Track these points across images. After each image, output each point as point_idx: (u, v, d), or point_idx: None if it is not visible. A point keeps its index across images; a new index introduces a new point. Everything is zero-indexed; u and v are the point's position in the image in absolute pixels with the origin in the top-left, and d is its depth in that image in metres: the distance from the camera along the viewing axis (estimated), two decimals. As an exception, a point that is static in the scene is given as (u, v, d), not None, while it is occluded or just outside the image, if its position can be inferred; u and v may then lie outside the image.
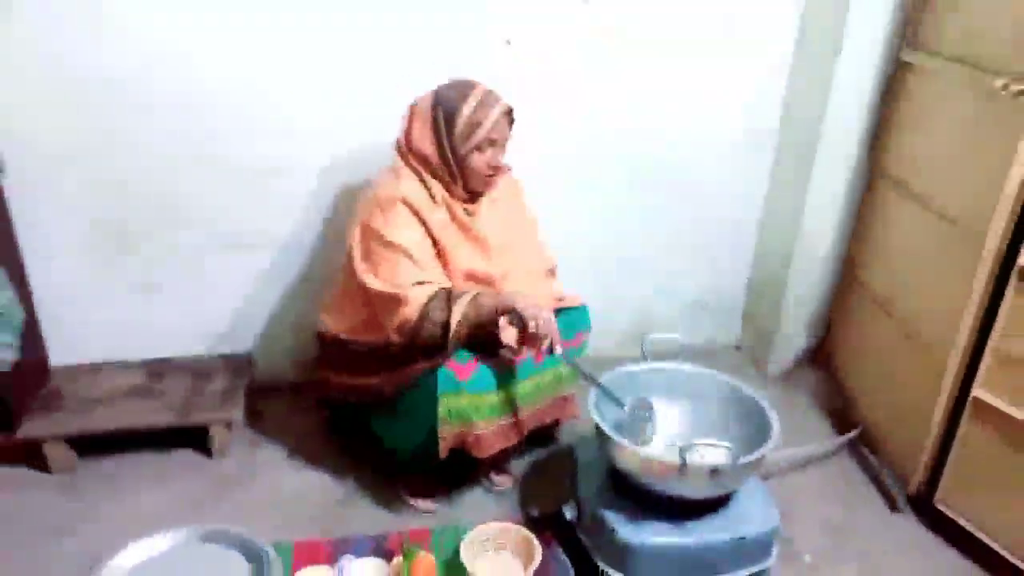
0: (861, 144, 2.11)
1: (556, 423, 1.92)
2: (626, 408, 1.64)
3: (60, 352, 2.10)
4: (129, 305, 2.10)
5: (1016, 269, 1.52)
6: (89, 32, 1.81)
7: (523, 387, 1.71)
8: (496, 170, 1.71)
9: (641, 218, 2.31)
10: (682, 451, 1.44)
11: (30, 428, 1.88)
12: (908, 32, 1.96)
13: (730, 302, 2.50)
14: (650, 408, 1.67)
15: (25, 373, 1.94)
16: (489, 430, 1.68)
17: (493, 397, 1.66)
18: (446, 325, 1.58)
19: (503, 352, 1.68)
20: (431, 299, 1.60)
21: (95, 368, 2.10)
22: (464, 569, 1.57)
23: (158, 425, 1.93)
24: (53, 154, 1.91)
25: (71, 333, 2.09)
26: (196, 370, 2.11)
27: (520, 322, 1.60)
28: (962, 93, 1.73)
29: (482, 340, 1.67)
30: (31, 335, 1.98)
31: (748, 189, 2.34)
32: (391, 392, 1.71)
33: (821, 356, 2.39)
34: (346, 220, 1.83)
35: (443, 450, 1.66)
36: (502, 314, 1.61)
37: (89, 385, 2.04)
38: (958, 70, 1.74)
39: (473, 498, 1.87)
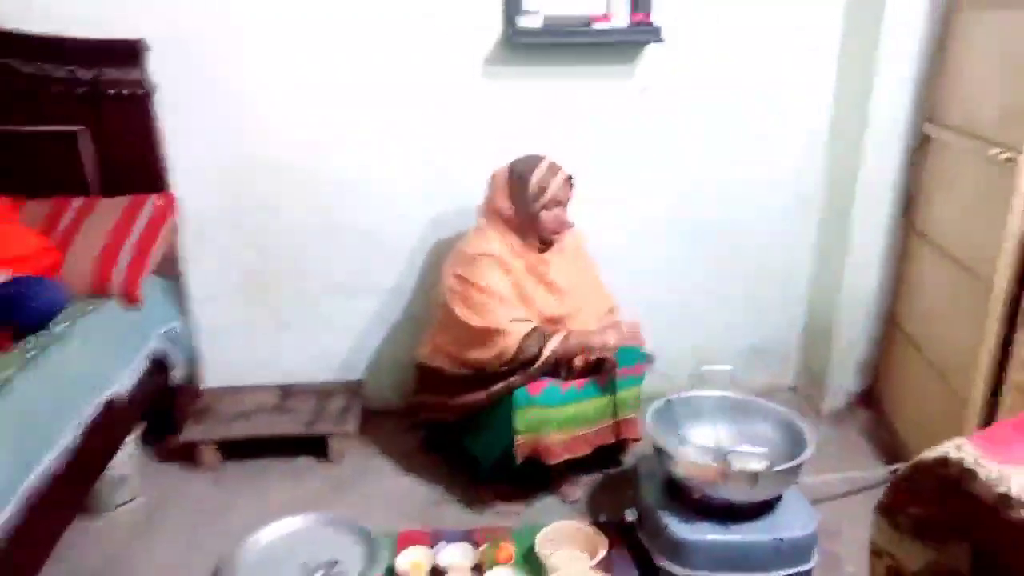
0: (894, 206, 2.37)
1: (621, 444, 2.21)
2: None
3: (212, 376, 2.55)
4: (267, 339, 2.54)
5: (1022, 309, 1.75)
6: (246, 127, 2.31)
7: (587, 407, 2.02)
8: (562, 224, 2.08)
9: (700, 271, 2.60)
10: (726, 456, 1.71)
11: (188, 434, 2.32)
12: (926, 108, 2.24)
13: (784, 348, 2.74)
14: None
15: (186, 390, 2.40)
16: (557, 441, 1.99)
17: (560, 412, 1.98)
18: (537, 357, 1.95)
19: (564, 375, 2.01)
20: (528, 335, 1.96)
21: (238, 390, 2.53)
22: (539, 559, 1.86)
23: (288, 434, 2.33)
24: (216, 218, 2.39)
25: (221, 361, 2.54)
26: (319, 392, 2.51)
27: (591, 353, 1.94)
28: (970, 160, 1.99)
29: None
30: (192, 360, 2.43)
31: (797, 246, 2.60)
32: (477, 408, 2.05)
33: (871, 398, 2.59)
34: (439, 269, 2.21)
35: (519, 456, 1.97)
36: (582, 353, 1.96)
37: (233, 402, 2.47)
38: (966, 141, 2.01)
39: (548, 506, 2.16)
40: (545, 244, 2.12)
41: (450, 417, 2.16)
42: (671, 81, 2.37)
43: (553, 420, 1.97)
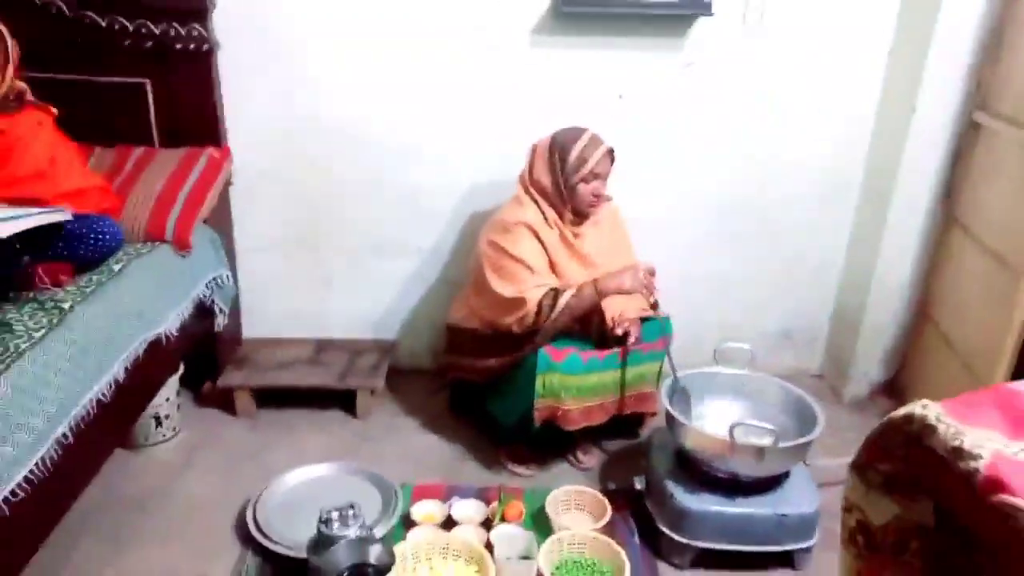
0: (934, 194, 2.33)
1: (639, 417, 2.25)
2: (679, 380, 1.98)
3: (251, 326, 2.68)
4: (307, 293, 2.66)
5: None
6: (301, 88, 2.41)
7: (607, 377, 2.07)
8: (598, 198, 2.11)
9: (735, 250, 2.61)
10: (732, 429, 1.75)
11: (226, 379, 2.45)
12: (978, 95, 2.20)
13: (812, 333, 2.73)
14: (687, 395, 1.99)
15: (226, 339, 2.53)
16: (576, 408, 2.05)
17: (580, 380, 2.03)
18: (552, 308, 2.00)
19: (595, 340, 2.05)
20: (544, 297, 2.01)
21: (276, 341, 2.66)
22: (548, 518, 1.93)
23: (319, 386, 2.44)
24: (268, 174, 2.51)
25: (262, 311, 2.67)
26: (352, 348, 2.62)
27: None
28: (1017, 150, 1.96)
29: (580, 334, 2.07)
30: (233, 310, 2.56)
31: (833, 231, 2.59)
32: (502, 371, 2.12)
33: (895, 388, 2.57)
34: (477, 236, 2.28)
35: (538, 419, 2.04)
36: (602, 298, 2.00)
37: (270, 353, 2.59)
38: (1015, 131, 1.97)
39: (561, 470, 2.23)
40: (581, 216, 2.15)
41: (477, 378, 2.24)
42: (718, 57, 2.37)
43: (573, 387, 2.03)
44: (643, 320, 2.14)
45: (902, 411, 0.84)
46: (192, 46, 2.27)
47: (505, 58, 2.37)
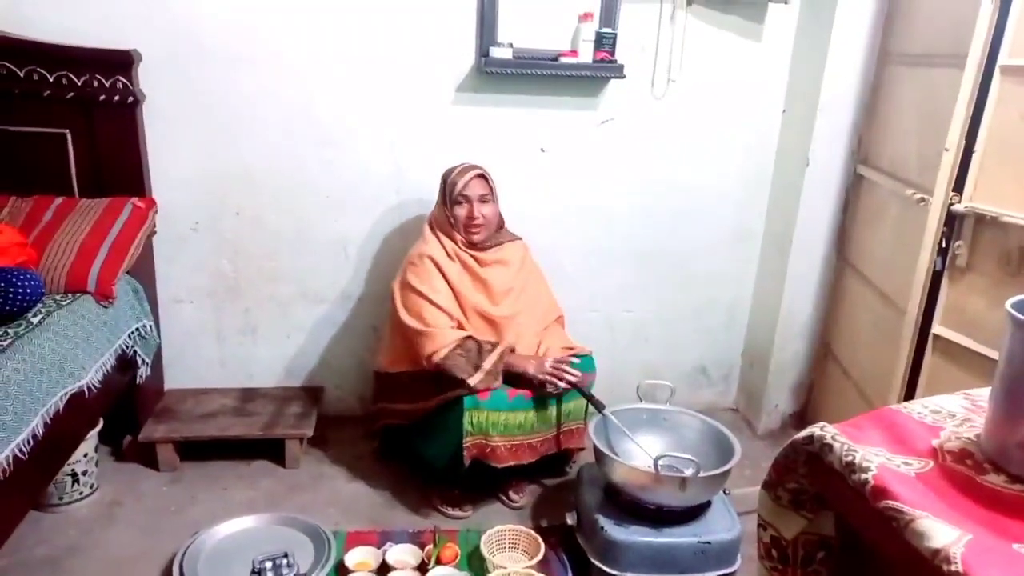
0: (830, 238, 2.56)
1: (566, 453, 2.32)
2: (605, 411, 2.07)
3: (174, 378, 2.62)
4: (233, 343, 2.64)
5: (931, 336, 1.92)
6: (227, 139, 2.43)
7: (532, 416, 2.14)
8: (471, 220, 2.22)
9: (653, 295, 2.76)
10: (656, 461, 1.84)
11: (147, 432, 2.38)
12: (860, 151, 2.45)
13: (726, 370, 2.90)
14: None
15: (148, 391, 2.47)
16: (503, 445, 2.10)
17: (506, 417, 2.09)
18: (477, 367, 2.07)
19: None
20: (459, 344, 2.09)
21: (200, 392, 2.61)
22: (483, 558, 1.97)
23: (245, 436, 2.41)
24: (193, 224, 2.50)
25: (185, 362, 2.62)
26: (279, 397, 2.60)
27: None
28: (893, 199, 2.19)
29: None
30: (156, 361, 2.50)
31: (739, 274, 2.79)
32: (429, 412, 2.16)
33: (805, 419, 2.75)
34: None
35: (467, 457, 2.08)
36: (506, 369, 2.10)
37: (195, 404, 2.54)
38: (890, 182, 2.21)
39: (493, 510, 2.26)
40: (472, 245, 2.27)
41: (406, 421, 2.26)
42: (631, 115, 2.55)
43: (500, 424, 2.08)
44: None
45: (803, 433, 0.94)
46: (116, 98, 2.27)
47: (431, 112, 2.48)
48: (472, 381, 2.05)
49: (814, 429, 0.92)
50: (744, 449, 1.99)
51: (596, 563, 1.91)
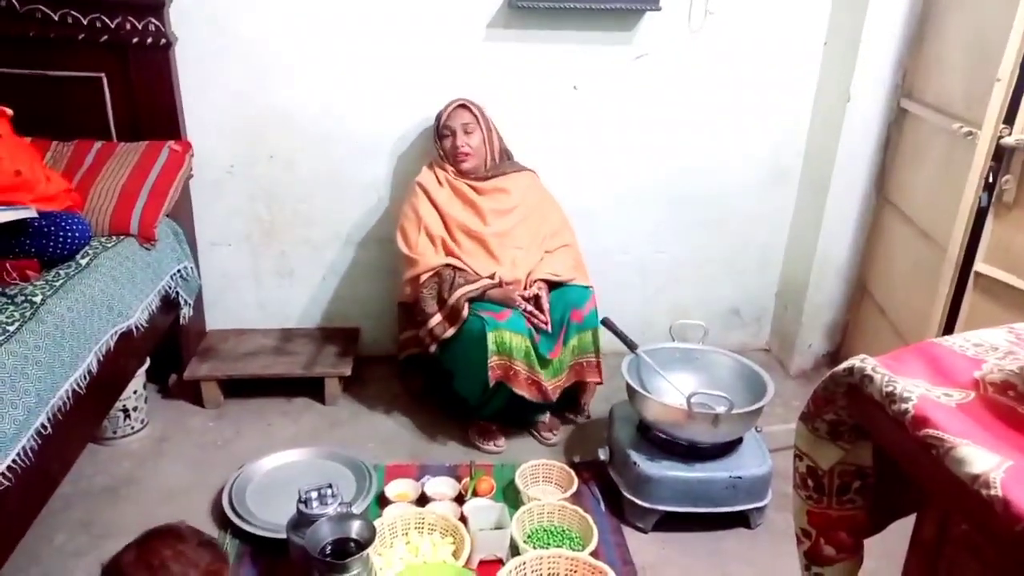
0: (869, 177, 2.50)
1: (581, 387, 2.33)
2: (637, 350, 2.09)
3: (215, 319, 2.70)
4: (270, 284, 2.69)
5: (972, 273, 1.89)
6: (260, 82, 2.43)
7: (547, 359, 2.17)
8: (458, 149, 2.28)
9: (685, 235, 2.74)
10: (689, 398, 1.87)
11: (192, 371, 2.46)
12: (905, 84, 2.37)
13: (759, 311, 2.89)
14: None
15: (191, 331, 2.54)
16: (524, 372, 2.14)
17: (526, 341, 2.12)
18: (444, 303, 2.17)
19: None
20: (436, 272, 2.19)
21: (241, 332, 2.68)
22: (518, 491, 2.03)
23: (286, 375, 2.48)
24: (229, 167, 2.52)
25: (225, 303, 2.69)
26: (317, 337, 2.66)
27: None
28: (938, 134, 2.13)
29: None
30: (197, 302, 2.57)
31: (776, 214, 2.74)
32: (450, 343, 2.20)
33: (839, 359, 2.73)
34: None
35: (492, 377, 2.11)
36: (494, 299, 2.17)
37: (236, 344, 2.61)
38: (936, 116, 2.14)
39: (528, 447, 2.32)
40: (464, 173, 2.32)
41: (425, 348, 2.28)
42: (667, 50, 2.48)
43: (521, 349, 2.12)
44: (561, 286, 2.26)
45: (843, 365, 0.95)
46: (149, 40, 2.27)
47: (461, 51, 2.44)
48: (430, 324, 2.18)
49: (854, 361, 0.93)
50: (776, 388, 2.01)
51: (629, 496, 1.97)
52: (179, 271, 2.32)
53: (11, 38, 2.19)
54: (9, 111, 2.02)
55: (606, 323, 2.19)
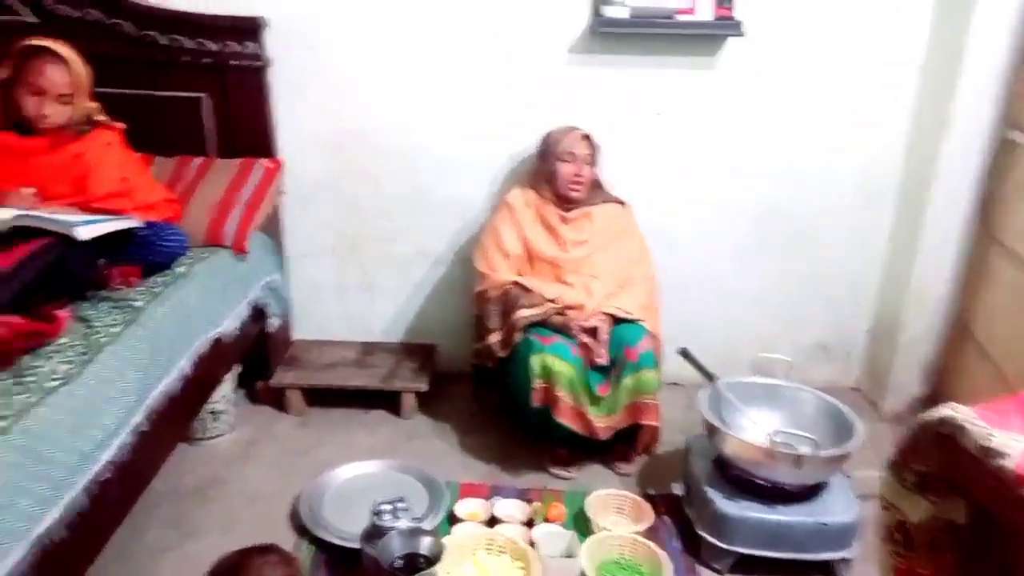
0: (971, 209, 2.36)
1: (638, 429, 2.21)
2: (716, 382, 2.02)
3: (299, 329, 2.79)
4: (353, 298, 2.77)
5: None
6: (349, 102, 2.52)
7: (598, 392, 2.14)
8: (578, 178, 2.26)
9: (770, 261, 2.65)
10: (771, 437, 1.79)
11: (278, 379, 2.56)
12: (1011, 114, 2.22)
13: (849, 346, 2.76)
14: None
15: (277, 340, 2.64)
16: (568, 401, 2.10)
17: (571, 370, 2.09)
18: (505, 321, 2.19)
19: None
20: (504, 290, 2.20)
21: (324, 343, 2.76)
22: (588, 520, 2.00)
23: (366, 387, 2.54)
24: (317, 183, 2.62)
25: (310, 314, 2.78)
26: (396, 352, 2.72)
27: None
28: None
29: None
30: (285, 312, 2.66)
31: (868, 243, 2.62)
32: (497, 350, 2.24)
33: (935, 401, 2.56)
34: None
35: (535, 399, 2.10)
36: (554, 325, 2.16)
37: (319, 354, 2.70)
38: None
39: (600, 474, 2.28)
40: (565, 200, 2.31)
41: (487, 361, 2.31)
42: (750, 73, 2.43)
43: (564, 377, 2.09)
44: (619, 322, 2.21)
45: (935, 413, 0.89)
46: (247, 62, 2.39)
47: (543, 75, 2.46)
48: (489, 340, 2.23)
49: (946, 410, 0.87)
50: (866, 431, 1.90)
51: (705, 534, 1.90)
52: (268, 282, 2.43)
53: (124, 60, 2.34)
54: (122, 126, 2.18)
55: (684, 353, 2.13)
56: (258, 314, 2.41)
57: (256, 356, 2.56)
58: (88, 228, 1.80)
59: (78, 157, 2.05)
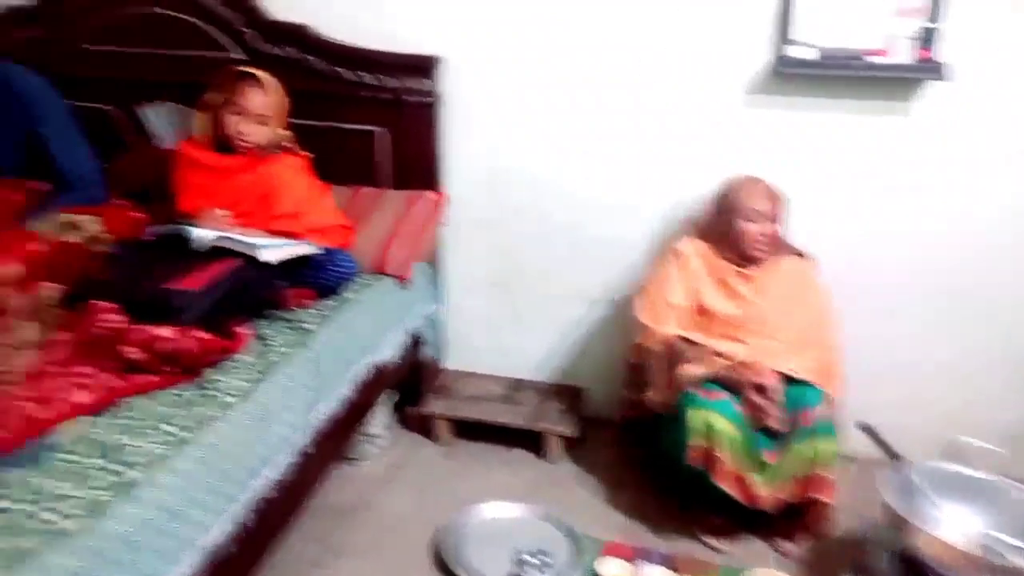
0: None
1: (809, 506, 2.01)
2: (904, 463, 1.79)
3: (452, 359, 2.81)
4: (503, 332, 2.75)
5: None
6: (512, 139, 2.52)
7: (766, 457, 1.95)
8: (764, 237, 2.09)
9: (960, 336, 2.36)
10: (987, 543, 1.54)
11: (428, 407, 2.58)
12: None
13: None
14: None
15: (429, 367, 2.67)
16: (729, 465, 1.93)
17: (735, 430, 1.92)
18: (671, 378, 2.05)
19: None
20: (668, 344, 2.06)
21: (472, 375, 2.76)
22: (742, 601, 1.82)
23: (511, 424, 2.50)
24: (475, 215, 2.64)
25: (460, 345, 2.80)
26: (543, 391, 2.67)
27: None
28: None
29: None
30: (438, 342, 2.69)
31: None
32: (661, 408, 2.12)
33: None
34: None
35: (691, 459, 1.96)
36: (722, 381, 1.99)
37: (467, 386, 2.69)
38: None
39: (759, 552, 2.09)
40: (745, 258, 2.14)
41: (638, 413, 2.22)
42: (950, 124, 2.20)
43: (726, 437, 1.93)
44: (792, 382, 2.02)
45: None
46: (421, 98, 2.46)
47: (717, 117, 2.35)
48: (649, 394, 2.12)
49: None
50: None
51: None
52: (427, 312, 2.46)
53: (312, 94, 2.45)
54: (310, 155, 2.30)
55: (866, 428, 1.92)
56: (415, 342, 2.45)
57: (408, 382, 2.60)
58: (273, 251, 1.90)
59: (266, 177, 2.19)
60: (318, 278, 2.08)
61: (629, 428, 2.41)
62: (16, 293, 1.71)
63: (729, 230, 2.13)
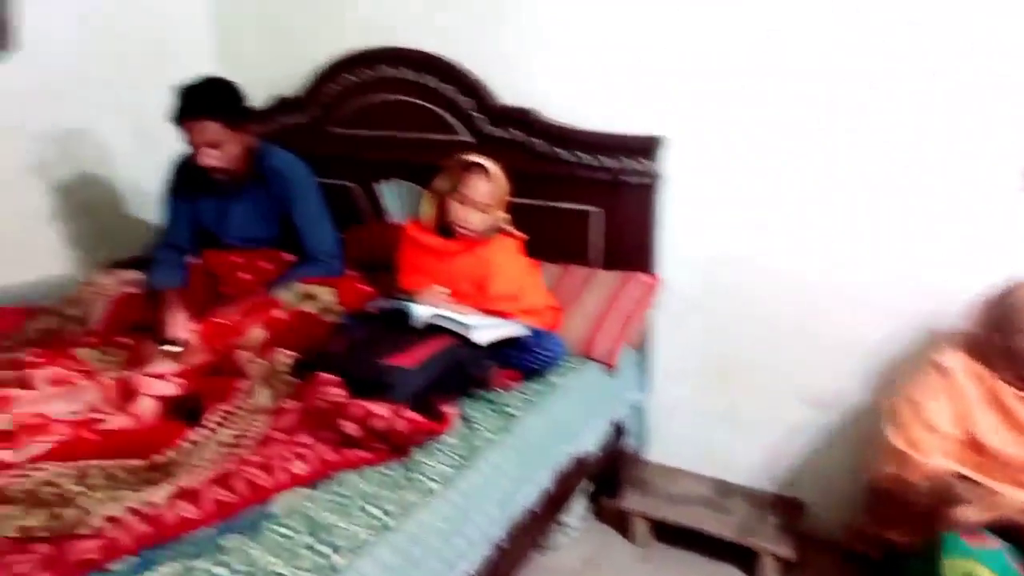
0: None
1: None
2: None
3: (654, 451, 2.64)
4: (713, 428, 2.54)
5: None
6: (732, 221, 2.36)
7: None
8: None
9: None
10: None
11: (626, 502, 2.42)
12: None
13: None
14: None
15: (632, 460, 2.52)
16: None
17: None
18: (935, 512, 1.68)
19: None
20: (939, 480, 1.71)
21: (676, 471, 2.57)
22: None
23: (719, 535, 2.26)
24: (688, 301, 2.49)
25: (666, 438, 2.62)
26: (755, 499, 2.40)
27: None
28: None
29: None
30: (641, 432, 2.55)
31: None
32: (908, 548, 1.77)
33: None
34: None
35: None
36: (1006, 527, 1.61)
37: (669, 483, 2.50)
38: None
39: None
40: None
41: (874, 550, 1.89)
42: None
43: None
44: None
45: None
46: (639, 179, 2.39)
47: (991, 206, 2.02)
48: (892, 535, 1.81)
49: None
50: None
51: None
52: (632, 401, 2.34)
53: (531, 174, 2.48)
54: (524, 236, 2.32)
55: None
56: (618, 432, 2.33)
57: (606, 472, 2.47)
58: (485, 332, 1.91)
59: (483, 260, 2.23)
60: (524, 360, 2.05)
61: (858, 558, 2.06)
62: (256, 358, 1.86)
63: (1013, 351, 1.77)
